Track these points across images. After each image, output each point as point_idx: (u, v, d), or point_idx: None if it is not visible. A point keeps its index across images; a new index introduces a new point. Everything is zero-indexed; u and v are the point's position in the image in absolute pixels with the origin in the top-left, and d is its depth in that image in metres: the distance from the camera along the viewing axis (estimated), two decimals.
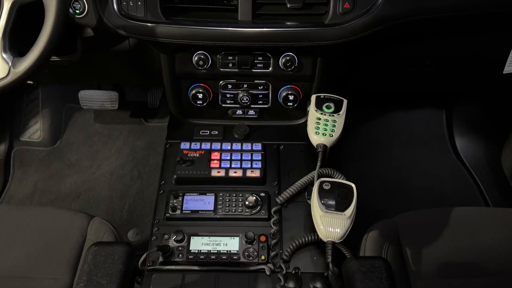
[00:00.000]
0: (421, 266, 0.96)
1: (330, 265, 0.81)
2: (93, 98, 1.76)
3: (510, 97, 1.63)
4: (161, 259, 0.92)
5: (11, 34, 0.88)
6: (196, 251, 0.93)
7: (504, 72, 1.24)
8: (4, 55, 0.88)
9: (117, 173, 1.72)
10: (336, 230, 0.83)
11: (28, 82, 1.52)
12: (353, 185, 0.88)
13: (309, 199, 0.99)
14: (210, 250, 0.93)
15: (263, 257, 0.93)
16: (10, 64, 0.88)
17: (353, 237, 0.98)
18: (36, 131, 1.81)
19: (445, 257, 0.97)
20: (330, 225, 0.83)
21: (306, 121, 1.01)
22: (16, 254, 0.96)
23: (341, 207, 0.84)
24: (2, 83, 0.89)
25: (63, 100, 1.86)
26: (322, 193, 0.86)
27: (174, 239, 0.93)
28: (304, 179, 1.02)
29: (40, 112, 1.82)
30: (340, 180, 0.89)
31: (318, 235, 0.94)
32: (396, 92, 1.81)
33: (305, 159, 1.11)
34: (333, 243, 0.83)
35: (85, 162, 1.76)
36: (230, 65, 1.04)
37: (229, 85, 1.10)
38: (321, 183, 0.87)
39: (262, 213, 1.00)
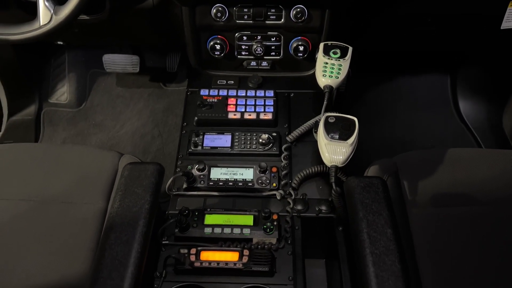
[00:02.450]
0: (416, 196, 1.07)
1: (333, 185, 0.92)
2: (116, 61, 1.87)
3: (510, 60, 1.70)
4: (185, 185, 1.05)
5: None
6: (216, 179, 1.05)
7: (501, 28, 1.31)
8: (47, 3, 1.00)
9: (139, 132, 1.85)
10: (339, 156, 0.94)
11: (58, 42, 1.64)
12: (355, 118, 0.98)
13: (316, 132, 1.10)
14: (228, 179, 1.05)
15: (274, 184, 1.05)
16: (52, 11, 1.00)
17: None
18: (63, 93, 1.95)
19: (440, 188, 1.07)
20: (334, 152, 0.94)
21: (315, 72, 1.12)
22: (58, 183, 1.09)
23: (344, 137, 0.95)
24: (45, 28, 1.01)
25: (87, 65, 1.99)
26: (328, 125, 0.97)
27: (196, 168, 1.05)
28: (312, 120, 1.13)
29: (67, 76, 1.95)
30: (344, 115, 0.99)
31: (324, 167, 1.06)
32: (401, 56, 1.89)
33: (313, 106, 1.22)
34: (336, 167, 0.94)
35: (109, 122, 1.89)
36: (245, 17, 1.15)
37: (244, 37, 1.21)
38: (327, 117, 0.98)
39: (274, 149, 1.11)
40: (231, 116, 1.16)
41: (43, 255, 0.98)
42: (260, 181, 1.05)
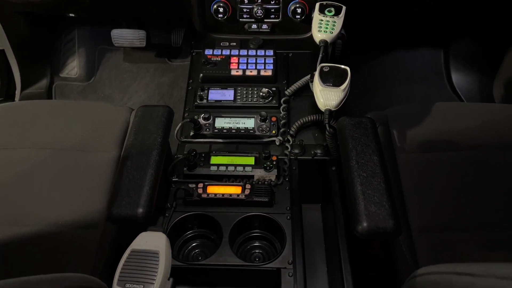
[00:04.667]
0: (405, 143, 1.16)
1: (327, 126, 1.02)
2: (124, 36, 1.96)
3: (499, 32, 1.78)
4: (192, 132, 1.14)
5: None
6: (220, 127, 1.15)
7: None
8: None
9: (145, 103, 1.94)
10: (332, 101, 1.03)
11: (70, 15, 1.73)
12: (347, 68, 1.07)
13: (312, 82, 1.19)
14: (231, 127, 1.15)
15: (273, 132, 1.14)
16: None
17: None
18: (73, 68, 2.04)
19: (426, 136, 1.16)
20: (328, 97, 1.03)
21: (311, 28, 1.20)
22: (75, 134, 1.19)
23: (337, 83, 1.04)
24: None
25: (96, 41, 2.08)
26: (322, 74, 1.06)
27: (202, 117, 1.15)
28: (309, 75, 1.22)
29: (76, 51, 2.05)
30: (337, 65, 1.08)
31: (319, 116, 1.15)
32: (397, 32, 1.97)
33: (310, 64, 1.30)
34: (330, 111, 1.03)
35: (117, 95, 1.98)
36: None
37: (245, 0, 1.30)
38: (322, 67, 1.07)
39: (273, 102, 1.21)
40: (233, 73, 1.25)
41: (61, 196, 1.07)
42: (260, 128, 1.14)
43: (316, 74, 1.06)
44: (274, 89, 1.22)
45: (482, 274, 0.49)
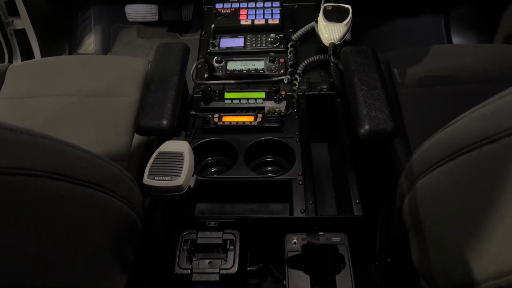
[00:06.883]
0: (405, 79, 1.23)
1: (331, 57, 1.10)
2: (137, 11, 2.07)
3: None
4: (206, 74, 1.23)
5: None
6: (232, 69, 1.24)
7: None
8: None
9: None
10: (336, 35, 1.12)
11: None
12: (349, 6, 1.16)
13: (316, 21, 1.27)
14: (242, 69, 1.24)
15: (282, 71, 1.22)
16: None
17: None
18: (90, 44, 2.15)
19: (425, 73, 1.24)
20: (331, 32, 1.12)
21: None
22: (99, 82, 1.28)
23: (340, 19, 1.12)
24: None
25: (111, 19, 2.20)
26: (326, 12, 1.15)
27: (215, 60, 1.24)
28: (314, 22, 1.31)
29: (93, 29, 2.16)
30: (339, 4, 1.16)
31: (325, 56, 1.23)
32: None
33: (314, 14, 1.39)
34: (334, 44, 1.11)
35: None
36: None
37: None
38: (325, 6, 1.16)
39: (281, 46, 1.29)
40: (243, 22, 1.34)
41: (90, 134, 1.16)
42: (270, 68, 1.23)
43: (320, 12, 1.14)
44: (281, 35, 1.31)
45: (462, 117, 0.57)
